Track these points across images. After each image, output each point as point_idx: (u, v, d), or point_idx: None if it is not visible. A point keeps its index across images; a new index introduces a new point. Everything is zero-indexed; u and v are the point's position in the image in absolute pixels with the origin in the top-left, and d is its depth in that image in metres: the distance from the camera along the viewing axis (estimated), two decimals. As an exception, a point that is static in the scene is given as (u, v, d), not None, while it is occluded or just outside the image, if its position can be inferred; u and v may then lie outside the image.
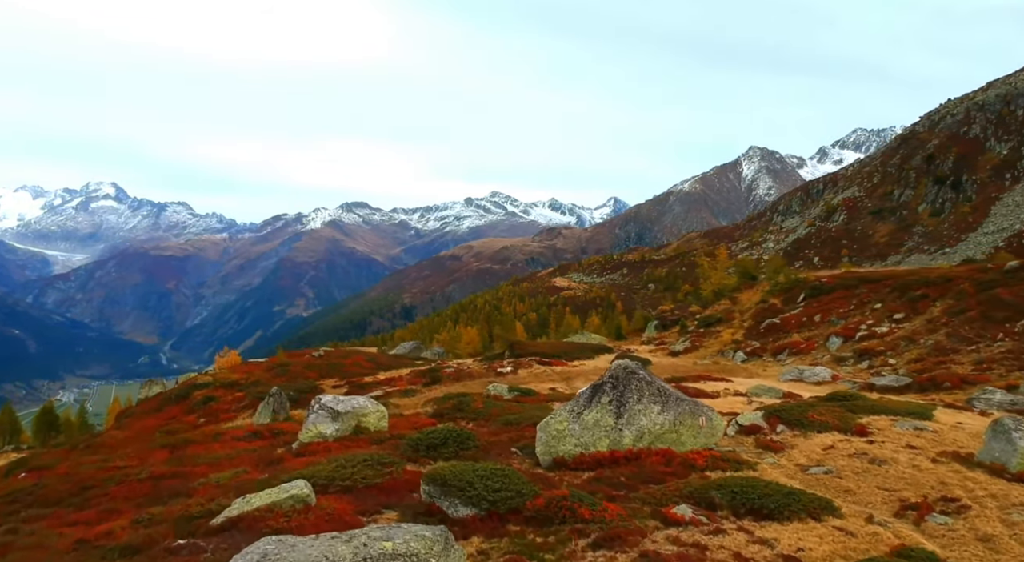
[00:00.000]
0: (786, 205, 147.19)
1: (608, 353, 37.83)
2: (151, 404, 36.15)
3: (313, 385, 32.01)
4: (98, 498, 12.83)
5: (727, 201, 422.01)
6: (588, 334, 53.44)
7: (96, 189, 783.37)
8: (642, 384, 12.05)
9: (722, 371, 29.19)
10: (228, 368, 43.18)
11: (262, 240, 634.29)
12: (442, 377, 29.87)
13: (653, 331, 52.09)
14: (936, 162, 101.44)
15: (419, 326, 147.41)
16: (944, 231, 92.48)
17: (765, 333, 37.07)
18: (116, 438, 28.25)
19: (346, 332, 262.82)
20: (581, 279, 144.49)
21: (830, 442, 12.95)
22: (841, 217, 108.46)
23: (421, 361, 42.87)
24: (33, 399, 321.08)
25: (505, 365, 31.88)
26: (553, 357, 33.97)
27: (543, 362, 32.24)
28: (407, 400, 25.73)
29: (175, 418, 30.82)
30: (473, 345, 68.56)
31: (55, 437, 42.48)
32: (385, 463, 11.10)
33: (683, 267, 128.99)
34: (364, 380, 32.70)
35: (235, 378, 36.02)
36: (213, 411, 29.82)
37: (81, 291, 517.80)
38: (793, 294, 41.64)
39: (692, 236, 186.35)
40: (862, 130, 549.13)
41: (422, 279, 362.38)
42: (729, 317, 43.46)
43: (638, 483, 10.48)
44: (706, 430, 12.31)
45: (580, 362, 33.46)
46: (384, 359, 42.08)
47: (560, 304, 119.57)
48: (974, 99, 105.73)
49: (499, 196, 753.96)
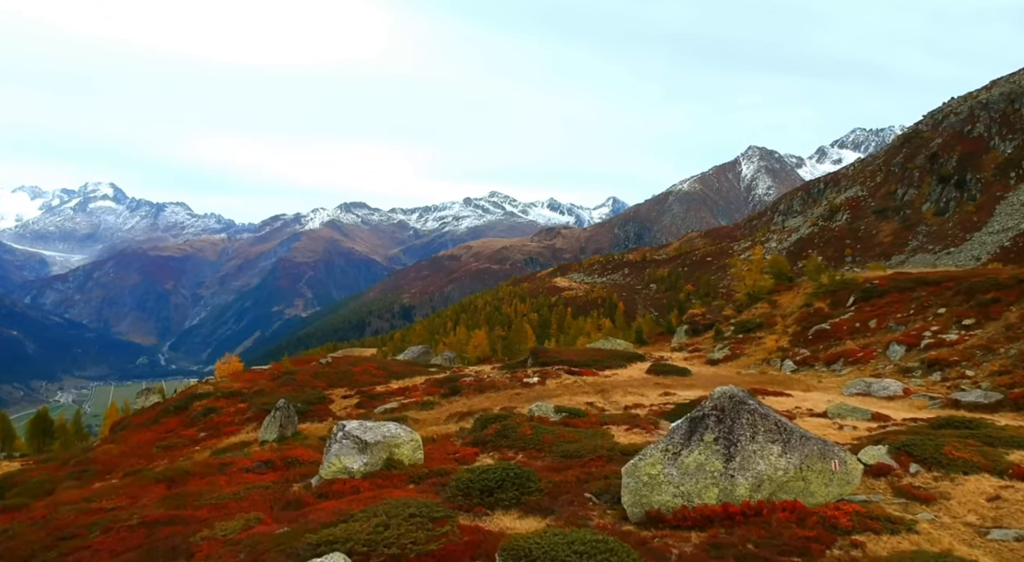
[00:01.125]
0: (787, 205, 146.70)
1: (640, 361, 34.90)
2: (148, 415, 34.01)
3: (321, 395, 30.18)
4: (77, 552, 10.73)
5: (726, 201, 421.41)
6: (613, 340, 49.32)
7: (94, 189, 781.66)
8: (755, 417, 9.74)
9: (774, 383, 26.77)
10: (230, 376, 40.22)
11: (260, 240, 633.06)
12: (461, 387, 27.87)
13: (684, 336, 48.77)
14: (940, 161, 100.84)
15: (419, 327, 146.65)
16: (949, 230, 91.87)
17: (814, 340, 34.55)
18: (110, 453, 26.76)
19: (345, 333, 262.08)
20: (582, 279, 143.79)
21: (990, 490, 10.24)
22: (844, 216, 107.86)
23: (435, 368, 40.58)
24: (31, 400, 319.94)
25: (530, 374, 29.64)
26: (582, 366, 31.57)
27: (572, 371, 30.03)
28: (426, 413, 24.01)
29: (173, 431, 28.96)
30: (482, 349, 66.39)
31: (50, 443, 41.20)
32: (436, 518, 9.03)
33: (685, 267, 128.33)
34: (376, 390, 30.85)
35: (237, 387, 34.05)
36: (214, 424, 28.05)
37: (79, 292, 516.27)
38: (840, 297, 38.94)
39: (692, 236, 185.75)
40: (861, 130, 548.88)
41: (421, 279, 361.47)
42: (770, 322, 40.79)
43: (773, 554, 7.94)
44: (840, 476, 9.90)
45: (612, 371, 31.05)
46: (396, 366, 39.27)
47: (561, 304, 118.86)
48: (978, 98, 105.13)
49: (498, 196, 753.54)
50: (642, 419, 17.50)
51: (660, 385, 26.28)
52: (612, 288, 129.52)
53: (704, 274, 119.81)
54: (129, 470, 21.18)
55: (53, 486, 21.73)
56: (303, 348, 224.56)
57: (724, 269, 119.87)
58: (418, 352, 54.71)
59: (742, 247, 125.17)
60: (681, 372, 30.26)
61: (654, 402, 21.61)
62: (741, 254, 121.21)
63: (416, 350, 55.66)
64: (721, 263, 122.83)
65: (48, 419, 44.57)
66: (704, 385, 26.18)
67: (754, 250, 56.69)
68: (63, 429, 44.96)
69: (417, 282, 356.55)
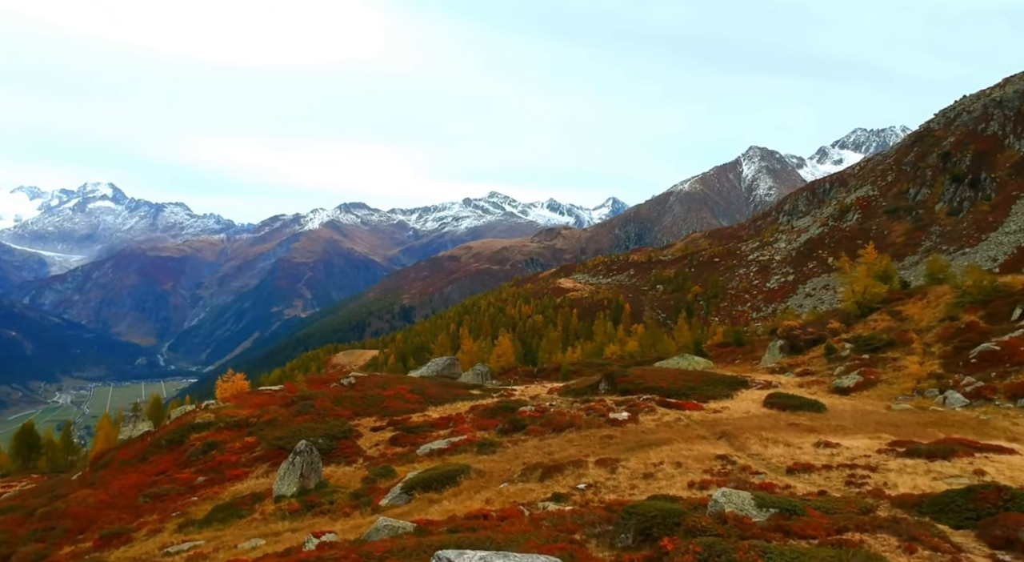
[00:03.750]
0: (792, 205, 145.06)
1: (743, 387, 28.25)
2: (135, 449, 28.15)
3: (347, 427, 25.00)
4: None
5: (727, 201, 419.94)
6: (689, 356, 41.68)
7: (93, 190, 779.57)
8: None
9: (957, 427, 19.95)
10: (233, 399, 32.82)
11: (260, 241, 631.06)
12: (524, 421, 21.92)
13: (779, 354, 40.22)
14: (953, 160, 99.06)
15: (421, 328, 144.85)
16: (963, 230, 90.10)
17: (980, 365, 27.33)
18: (85, 503, 22.37)
19: (345, 334, 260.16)
20: (586, 280, 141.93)
21: None
22: (855, 216, 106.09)
23: (477, 390, 33.69)
24: (29, 401, 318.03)
25: (613, 406, 23.32)
26: (675, 394, 25.43)
27: (666, 403, 23.84)
28: (488, 460, 18.70)
29: (165, 473, 23.86)
30: (506, 358, 60.24)
31: (35, 459, 38.31)
32: None
33: (692, 268, 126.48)
34: (412, 420, 25.38)
35: (244, 415, 28.35)
36: (216, 464, 22.89)
37: (78, 292, 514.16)
38: (997, 308, 32.17)
39: (696, 236, 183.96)
40: (862, 130, 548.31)
41: (421, 280, 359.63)
42: (902, 339, 33.48)
43: None
44: None
45: (719, 404, 24.83)
46: (431, 388, 32.64)
47: (567, 306, 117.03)
48: (991, 95, 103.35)
49: (497, 196, 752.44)
50: (911, 524, 10.23)
51: (798, 427, 19.88)
52: (618, 289, 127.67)
53: (712, 275, 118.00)
54: (107, 530, 17.91)
55: (10, 550, 18.39)
56: (303, 349, 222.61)
57: (732, 270, 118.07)
58: (442, 365, 47.46)
59: (750, 247, 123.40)
60: (812, 406, 23.94)
61: (820, 459, 15.70)
62: (750, 255, 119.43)
63: (440, 362, 48.23)
64: (729, 264, 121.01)
65: (34, 433, 40.99)
66: (855, 426, 20.00)
67: (865, 252, 47.34)
68: (50, 444, 41.46)
69: (417, 283, 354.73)
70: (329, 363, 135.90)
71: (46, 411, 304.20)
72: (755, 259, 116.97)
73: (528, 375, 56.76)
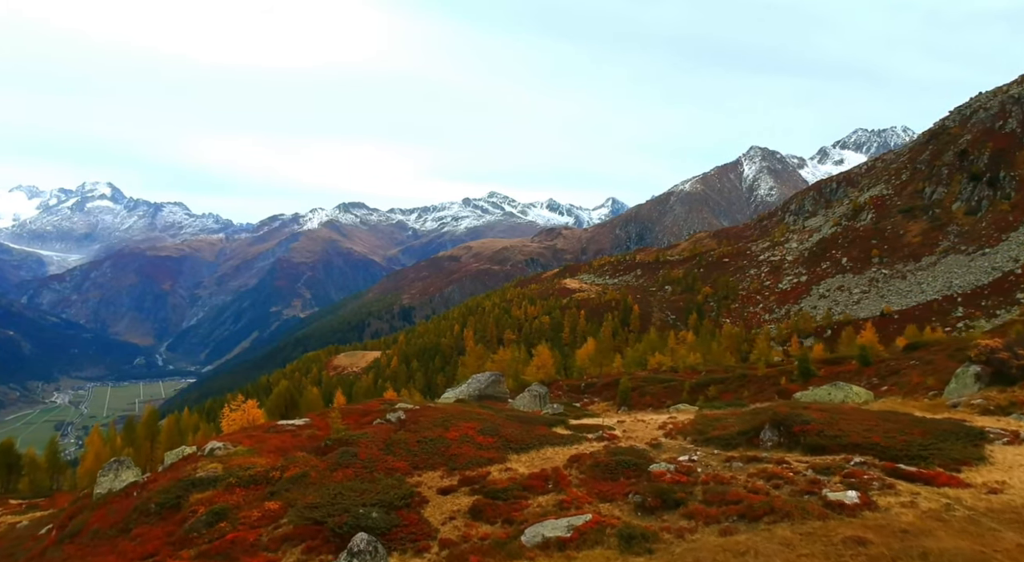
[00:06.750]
0: (798, 205, 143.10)
1: (981, 440, 17.56)
2: (115, 514, 19.43)
3: (407, 490, 17.12)
4: None
5: (728, 201, 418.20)
6: (845, 386, 31.63)
7: (92, 189, 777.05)
8: None
9: None
10: (247, 440, 22.78)
11: (259, 241, 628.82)
12: (673, 492, 14.41)
13: (973, 383, 27.35)
14: (970, 158, 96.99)
15: (423, 329, 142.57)
16: (982, 230, 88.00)
17: None
18: None
19: (344, 334, 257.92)
20: (592, 280, 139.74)
21: None
22: (869, 216, 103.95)
23: (562, 427, 23.88)
24: (27, 401, 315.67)
25: (819, 478, 14.71)
26: (899, 457, 16.18)
27: (897, 471, 14.92)
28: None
29: (154, 556, 15.63)
30: (546, 370, 53.16)
31: (16, 481, 35.00)
32: None
33: (700, 268, 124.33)
34: (492, 477, 17.53)
35: (262, 466, 19.56)
36: (226, 546, 15.07)
37: (76, 292, 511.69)
38: None
39: (701, 236, 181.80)
40: (863, 130, 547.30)
41: (420, 280, 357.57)
42: None
43: None
44: None
45: (975, 471, 15.26)
46: (506, 426, 22.68)
47: (574, 307, 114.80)
48: (1008, 92, 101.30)
49: (497, 196, 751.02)
50: None
51: None
52: (625, 290, 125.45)
53: (722, 276, 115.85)
54: None
55: None
56: (302, 350, 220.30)
57: (743, 270, 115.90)
58: (485, 382, 38.49)
59: (760, 247, 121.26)
60: None
61: None
62: (761, 255, 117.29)
63: (483, 379, 39.04)
64: (739, 264, 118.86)
65: (14, 452, 36.77)
66: None
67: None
68: (33, 464, 37.85)
69: (417, 283, 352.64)
70: (330, 365, 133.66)
71: (44, 411, 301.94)
72: (766, 259, 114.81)
73: (574, 390, 51.05)
